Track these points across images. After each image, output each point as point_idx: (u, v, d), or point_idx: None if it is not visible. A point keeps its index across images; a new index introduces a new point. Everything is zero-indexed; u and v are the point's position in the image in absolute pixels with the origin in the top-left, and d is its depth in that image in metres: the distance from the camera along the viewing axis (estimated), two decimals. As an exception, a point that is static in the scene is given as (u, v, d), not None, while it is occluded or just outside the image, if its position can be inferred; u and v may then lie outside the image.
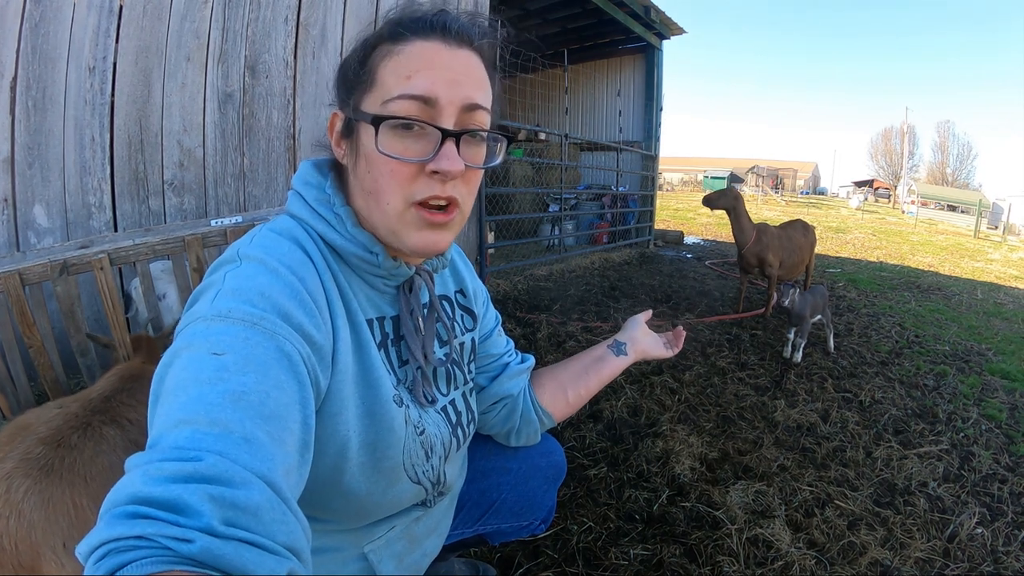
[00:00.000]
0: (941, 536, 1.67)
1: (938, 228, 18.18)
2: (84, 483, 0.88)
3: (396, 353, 0.72)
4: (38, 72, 2.62)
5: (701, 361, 3.10)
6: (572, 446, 2.07)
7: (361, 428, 0.65)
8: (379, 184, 0.62)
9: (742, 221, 4.12)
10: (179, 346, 0.50)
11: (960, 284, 6.80)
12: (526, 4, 7.01)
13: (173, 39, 2.90)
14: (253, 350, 0.49)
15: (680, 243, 9.07)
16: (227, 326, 0.50)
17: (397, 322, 0.73)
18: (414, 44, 0.61)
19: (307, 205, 0.67)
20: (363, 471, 0.66)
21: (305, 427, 0.51)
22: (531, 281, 5.16)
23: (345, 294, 0.65)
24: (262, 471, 0.42)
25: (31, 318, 1.44)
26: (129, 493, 0.37)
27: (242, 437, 0.43)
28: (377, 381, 0.66)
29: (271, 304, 0.53)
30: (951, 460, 2.13)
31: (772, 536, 1.58)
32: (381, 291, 0.71)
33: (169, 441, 0.42)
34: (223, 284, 0.55)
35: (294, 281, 0.57)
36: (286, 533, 0.41)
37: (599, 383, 1.00)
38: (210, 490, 0.38)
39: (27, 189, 2.59)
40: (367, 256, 0.66)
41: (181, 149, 2.93)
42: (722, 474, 1.92)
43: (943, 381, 3.05)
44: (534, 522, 1.04)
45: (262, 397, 0.47)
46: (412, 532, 0.80)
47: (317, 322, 0.57)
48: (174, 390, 0.46)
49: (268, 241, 0.61)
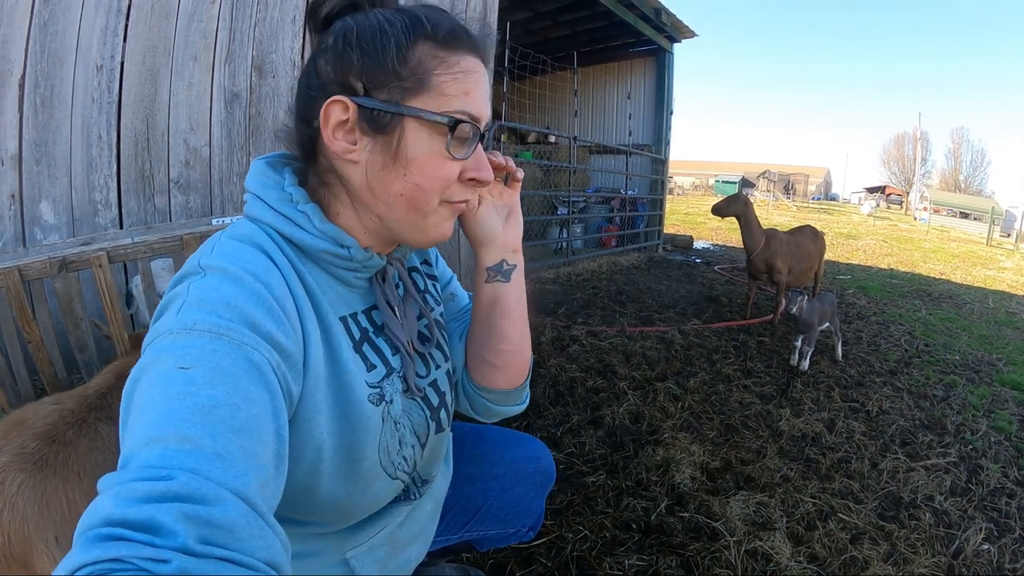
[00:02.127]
0: (946, 552, 1.63)
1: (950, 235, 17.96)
2: (78, 478, 0.88)
3: (386, 342, 0.71)
4: (46, 70, 2.64)
5: (707, 368, 3.06)
6: (571, 452, 2.04)
7: (335, 431, 0.63)
8: (423, 187, 0.61)
9: (752, 227, 4.08)
10: (146, 362, 0.49)
11: (972, 292, 6.71)
12: (536, 6, 7.01)
13: (180, 39, 2.92)
14: (221, 362, 0.48)
15: (690, 248, 9.00)
16: (193, 339, 0.49)
17: (371, 314, 0.71)
18: (465, 58, 0.62)
19: (268, 207, 0.64)
20: (340, 473, 0.65)
21: (279, 438, 0.50)
22: (537, 284, 5.14)
23: (314, 295, 0.63)
24: (236, 486, 0.42)
25: (30, 314, 1.45)
26: (102, 516, 0.37)
27: (213, 452, 0.42)
28: (350, 383, 0.64)
29: (237, 314, 0.52)
30: (959, 473, 2.09)
31: (772, 549, 1.55)
32: (353, 285, 0.69)
33: (140, 460, 0.41)
34: (187, 296, 0.53)
35: (260, 288, 0.56)
36: (264, 548, 0.41)
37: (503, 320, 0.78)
38: (184, 509, 0.38)
39: (34, 186, 2.61)
40: (338, 251, 0.64)
41: (187, 148, 2.94)
42: (723, 484, 1.89)
43: (952, 392, 3.00)
44: (521, 529, 1.02)
45: (232, 410, 0.46)
46: (396, 537, 0.79)
47: (286, 328, 0.56)
48: (143, 407, 0.45)
49: (229, 249, 0.59)
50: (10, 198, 2.54)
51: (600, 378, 2.79)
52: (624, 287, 5.34)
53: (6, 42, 2.55)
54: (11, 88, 2.55)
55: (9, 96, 2.55)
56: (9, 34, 2.55)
